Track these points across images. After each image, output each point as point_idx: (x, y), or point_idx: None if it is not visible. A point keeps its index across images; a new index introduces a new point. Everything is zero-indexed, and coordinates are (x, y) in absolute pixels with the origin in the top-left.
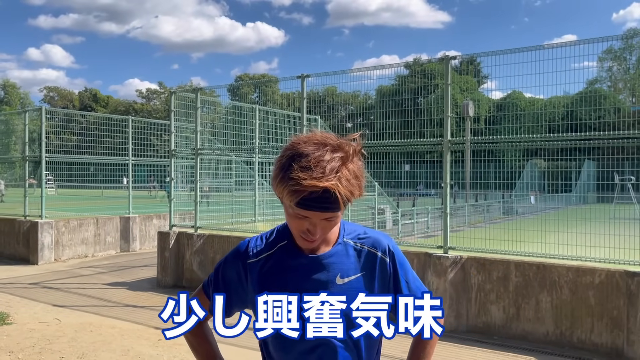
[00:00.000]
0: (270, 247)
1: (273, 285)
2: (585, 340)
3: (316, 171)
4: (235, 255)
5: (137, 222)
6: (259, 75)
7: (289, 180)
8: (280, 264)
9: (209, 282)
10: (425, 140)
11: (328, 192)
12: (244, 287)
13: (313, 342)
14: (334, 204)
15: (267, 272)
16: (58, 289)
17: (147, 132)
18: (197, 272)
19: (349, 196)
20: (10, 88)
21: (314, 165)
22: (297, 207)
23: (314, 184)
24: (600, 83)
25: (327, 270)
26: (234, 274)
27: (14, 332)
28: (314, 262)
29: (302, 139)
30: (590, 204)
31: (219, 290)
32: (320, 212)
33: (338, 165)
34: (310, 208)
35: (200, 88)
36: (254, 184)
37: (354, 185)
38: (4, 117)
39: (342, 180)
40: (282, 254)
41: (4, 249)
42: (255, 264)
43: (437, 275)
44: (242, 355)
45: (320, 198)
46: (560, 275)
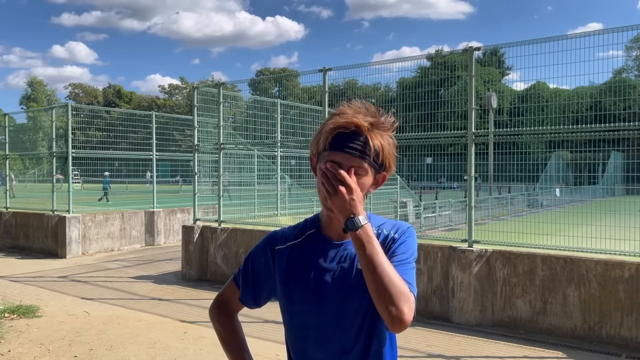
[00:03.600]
0: (299, 235)
1: (298, 271)
2: (614, 335)
3: (352, 114)
4: (264, 244)
5: (162, 217)
6: (280, 69)
7: (325, 125)
8: (307, 251)
9: (239, 272)
10: (448, 132)
11: (360, 135)
12: (272, 275)
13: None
14: (364, 148)
15: (294, 259)
16: (86, 282)
17: (169, 127)
18: (221, 266)
19: (379, 149)
20: (37, 85)
21: (351, 116)
22: (329, 149)
23: (349, 120)
24: (627, 72)
25: (352, 257)
26: (262, 262)
27: (44, 324)
28: (340, 248)
29: (346, 106)
30: (617, 196)
31: (247, 280)
32: (349, 154)
33: (373, 121)
34: (341, 148)
35: (223, 83)
36: (277, 177)
37: (386, 145)
38: (31, 113)
39: (374, 131)
40: (310, 242)
41: (33, 243)
42: (283, 251)
43: (461, 269)
44: (257, 345)
45: (352, 138)
46: (588, 269)
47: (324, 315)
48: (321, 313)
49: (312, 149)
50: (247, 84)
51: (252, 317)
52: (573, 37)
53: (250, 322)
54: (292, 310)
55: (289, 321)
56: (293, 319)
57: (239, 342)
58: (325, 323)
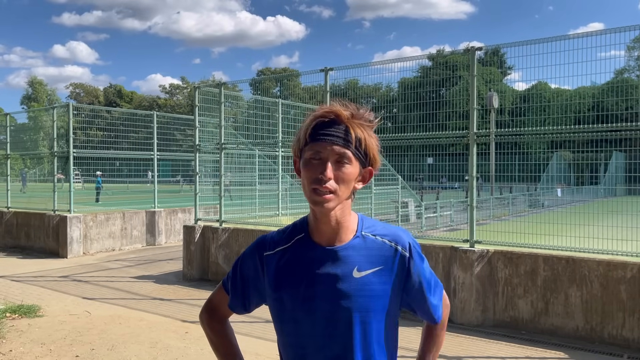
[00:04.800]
0: (287, 240)
1: (288, 278)
2: (617, 335)
3: (332, 106)
4: (253, 250)
5: (163, 216)
6: (281, 69)
7: (304, 121)
8: (297, 257)
9: (228, 278)
10: (450, 132)
11: (340, 124)
12: (262, 281)
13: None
14: (346, 136)
15: (283, 266)
16: (87, 282)
17: (170, 127)
18: (222, 266)
19: (361, 138)
20: (37, 85)
21: (330, 106)
22: (310, 140)
23: (327, 109)
24: (629, 72)
25: (344, 263)
26: (252, 268)
27: (45, 324)
28: (330, 254)
29: (324, 104)
30: (619, 196)
31: (236, 286)
32: (331, 143)
33: (353, 112)
34: (322, 138)
35: (224, 83)
36: (277, 177)
37: (367, 137)
38: (32, 113)
39: (354, 121)
40: (299, 247)
41: (34, 243)
42: (272, 257)
43: (463, 269)
44: (259, 345)
45: (332, 126)
46: (590, 270)
47: (314, 323)
48: (312, 321)
49: (294, 150)
50: (248, 83)
51: (254, 317)
52: (574, 37)
53: (252, 322)
54: (283, 317)
55: (280, 328)
56: (284, 326)
57: (230, 348)
58: (317, 331)
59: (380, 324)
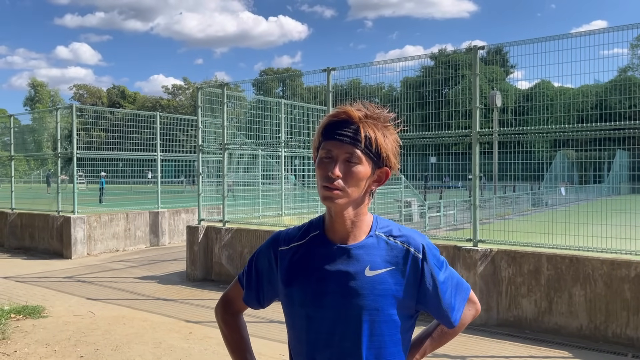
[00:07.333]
0: (303, 236)
1: (299, 273)
2: (621, 334)
3: (344, 107)
4: (269, 245)
5: (166, 217)
6: (283, 69)
7: (323, 119)
8: (310, 253)
9: (243, 273)
10: (453, 132)
11: (351, 124)
12: (275, 276)
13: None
14: (355, 135)
15: (296, 261)
16: (91, 283)
17: (173, 128)
18: (225, 266)
19: (371, 138)
20: (39, 87)
21: (343, 107)
22: (322, 139)
23: (339, 109)
24: (632, 71)
25: (356, 261)
26: (266, 263)
27: (50, 325)
28: (343, 252)
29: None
30: (623, 195)
31: (251, 280)
32: (340, 141)
33: (367, 113)
34: (332, 136)
35: (227, 83)
36: (281, 177)
37: (381, 137)
38: (36, 114)
39: (367, 121)
40: (313, 244)
41: (38, 244)
42: (286, 252)
43: (466, 269)
44: (262, 345)
45: (342, 126)
46: (594, 269)
47: (324, 320)
48: (322, 317)
49: (313, 147)
50: (250, 84)
51: (258, 317)
52: (577, 35)
53: (255, 322)
54: (293, 312)
55: (290, 323)
56: (294, 322)
57: (242, 342)
58: (326, 328)
59: (389, 324)
